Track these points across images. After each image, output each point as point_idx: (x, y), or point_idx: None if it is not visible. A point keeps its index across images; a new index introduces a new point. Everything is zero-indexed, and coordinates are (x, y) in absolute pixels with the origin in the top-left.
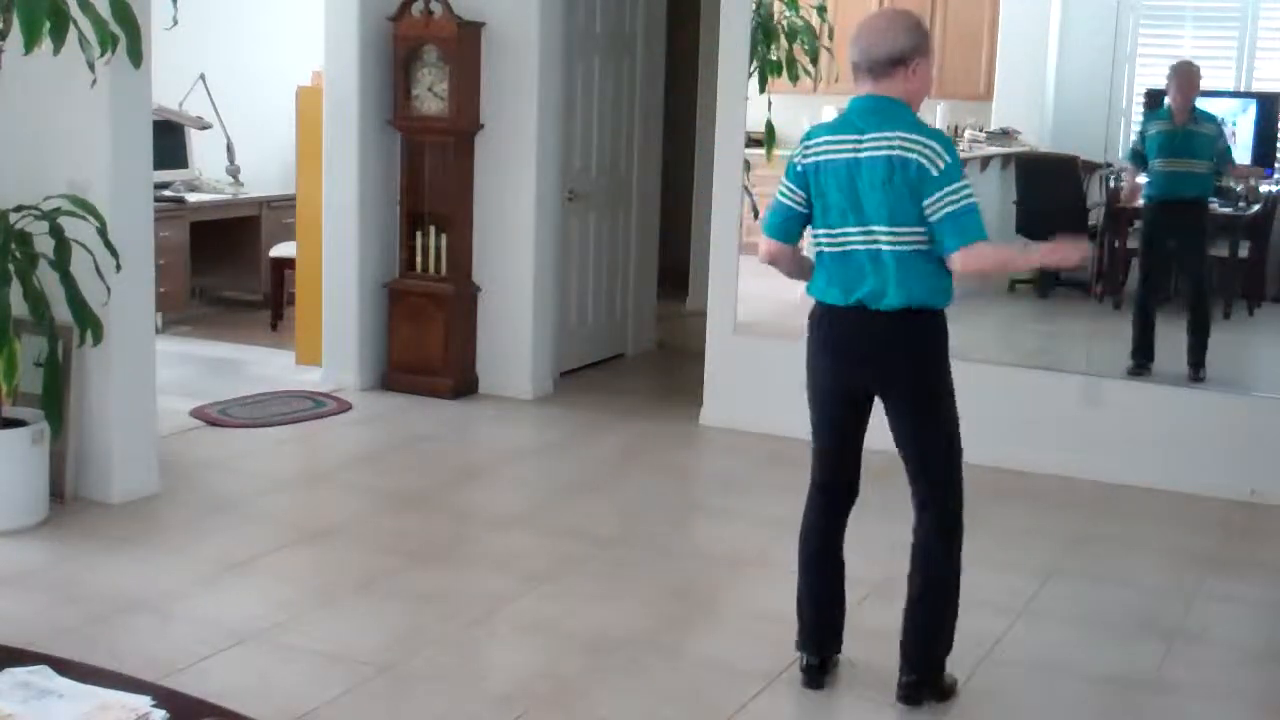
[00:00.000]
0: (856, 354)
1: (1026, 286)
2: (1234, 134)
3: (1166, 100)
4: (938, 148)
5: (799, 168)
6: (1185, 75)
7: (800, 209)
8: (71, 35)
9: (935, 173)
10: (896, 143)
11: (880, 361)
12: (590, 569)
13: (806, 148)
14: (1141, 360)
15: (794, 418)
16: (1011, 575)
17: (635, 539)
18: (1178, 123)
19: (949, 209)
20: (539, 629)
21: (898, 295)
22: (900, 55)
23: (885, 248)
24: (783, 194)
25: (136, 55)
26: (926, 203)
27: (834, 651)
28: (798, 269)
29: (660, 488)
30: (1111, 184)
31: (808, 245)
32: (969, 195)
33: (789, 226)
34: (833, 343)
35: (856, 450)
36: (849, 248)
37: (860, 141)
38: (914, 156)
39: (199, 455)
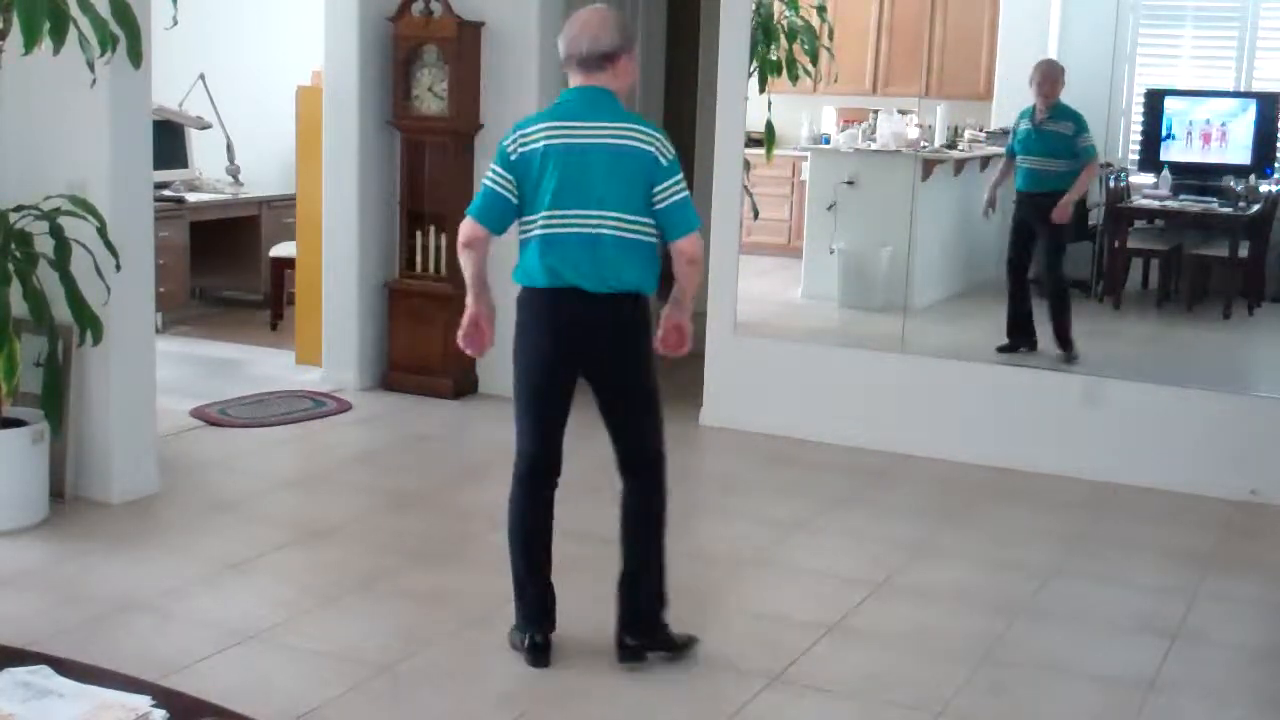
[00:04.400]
0: (577, 335)
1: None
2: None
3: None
4: (664, 139)
5: (513, 156)
6: (1043, 73)
7: (512, 199)
8: (71, 35)
9: (664, 163)
10: (628, 133)
11: (599, 342)
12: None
13: (523, 135)
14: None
15: (794, 417)
16: (1011, 575)
17: None
18: (1037, 120)
19: (675, 198)
20: None
21: (624, 280)
22: (611, 51)
23: (609, 233)
24: (496, 182)
25: (136, 55)
26: (655, 190)
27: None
28: (484, 259)
29: None
30: (1112, 184)
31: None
32: (685, 187)
33: (501, 216)
34: (558, 324)
35: (563, 426)
36: (572, 230)
37: (584, 128)
38: (646, 147)
39: (199, 455)
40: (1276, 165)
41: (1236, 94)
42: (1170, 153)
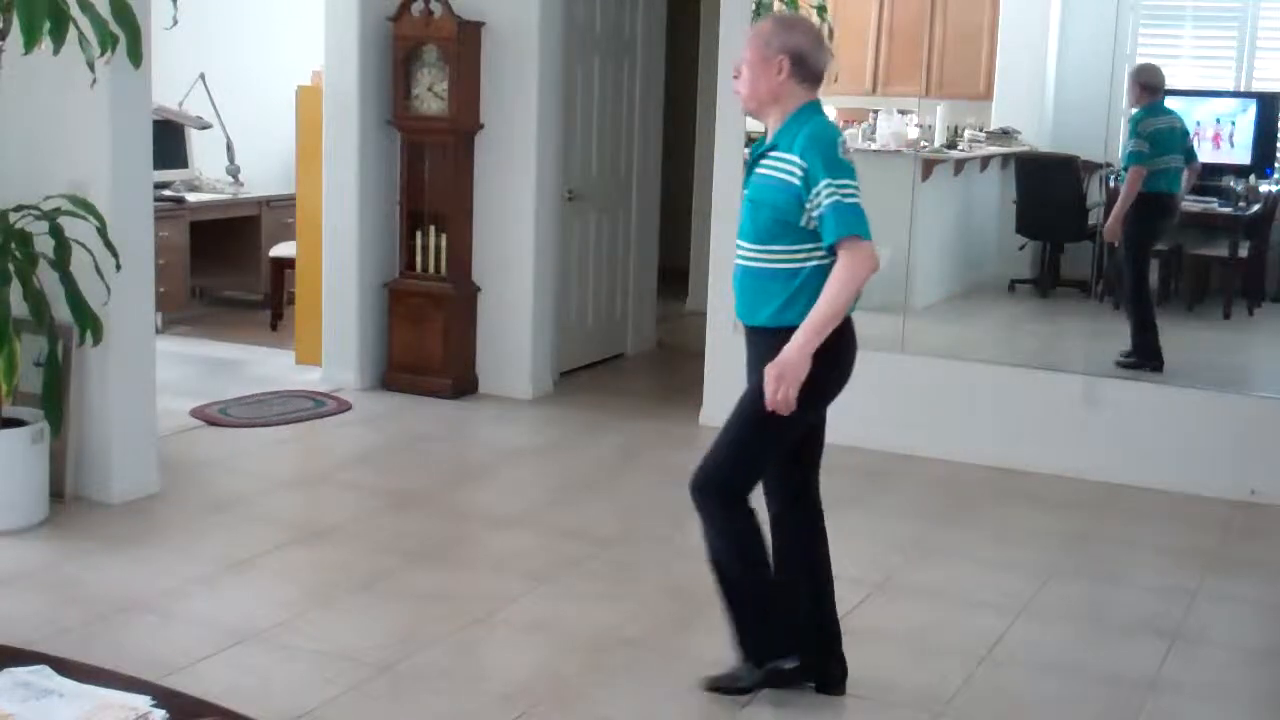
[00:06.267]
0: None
1: (1026, 286)
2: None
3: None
4: None
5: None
6: None
7: None
8: (71, 35)
9: None
10: None
11: None
12: (590, 569)
13: (845, 143)
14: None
15: None
16: (1011, 575)
17: (635, 539)
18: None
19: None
20: (539, 629)
21: None
22: None
23: None
24: (859, 195)
25: (136, 55)
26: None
27: None
28: None
29: (660, 488)
30: (1111, 183)
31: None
32: None
33: None
34: (854, 353)
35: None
36: None
37: None
38: None
39: (199, 455)
40: (1276, 165)
41: (1236, 94)
42: None
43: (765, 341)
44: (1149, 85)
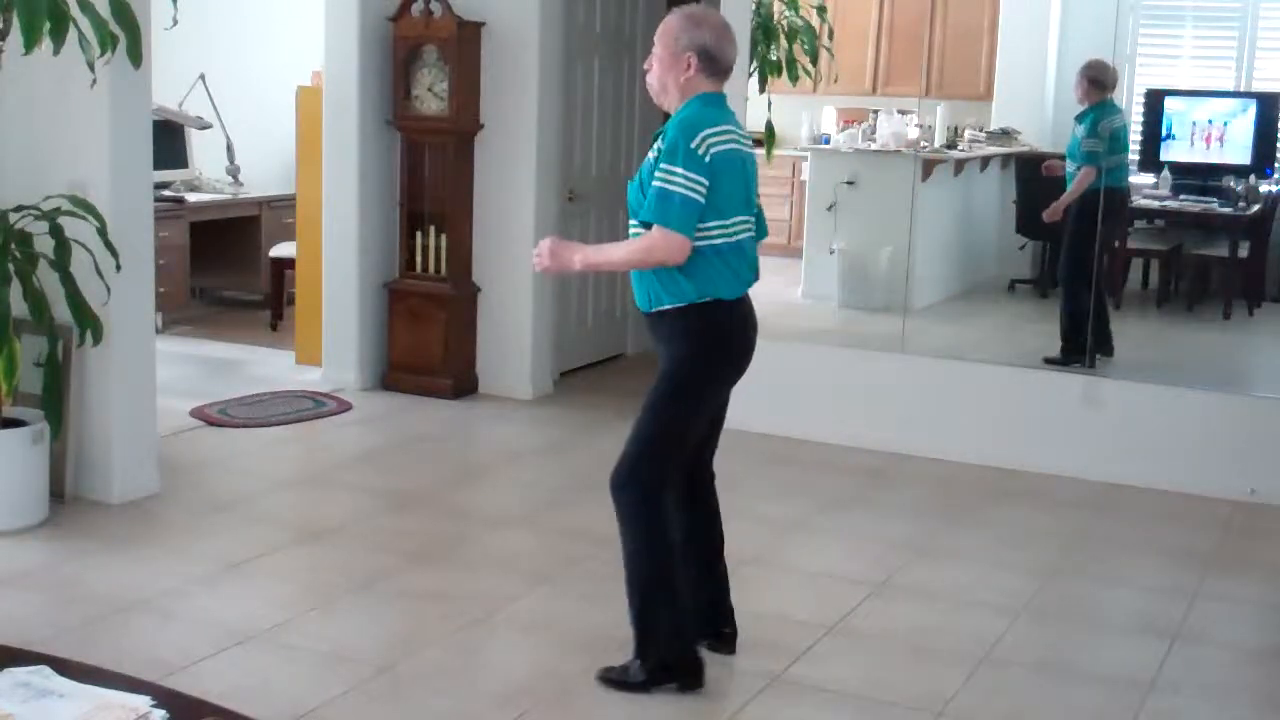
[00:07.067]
0: (752, 342)
1: (1026, 286)
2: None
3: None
4: None
5: (707, 159)
6: None
7: (704, 204)
8: (71, 35)
9: None
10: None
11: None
12: (590, 569)
13: (711, 137)
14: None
15: (794, 417)
16: (1011, 575)
17: None
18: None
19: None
20: (539, 629)
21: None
22: None
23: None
24: (695, 189)
25: (136, 55)
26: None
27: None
28: None
29: None
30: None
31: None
32: None
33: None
34: (745, 337)
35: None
36: (741, 237)
37: (742, 134)
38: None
39: (199, 455)
40: (1276, 165)
41: (1236, 94)
42: (1170, 153)
43: (651, 324)
44: (1101, 82)
